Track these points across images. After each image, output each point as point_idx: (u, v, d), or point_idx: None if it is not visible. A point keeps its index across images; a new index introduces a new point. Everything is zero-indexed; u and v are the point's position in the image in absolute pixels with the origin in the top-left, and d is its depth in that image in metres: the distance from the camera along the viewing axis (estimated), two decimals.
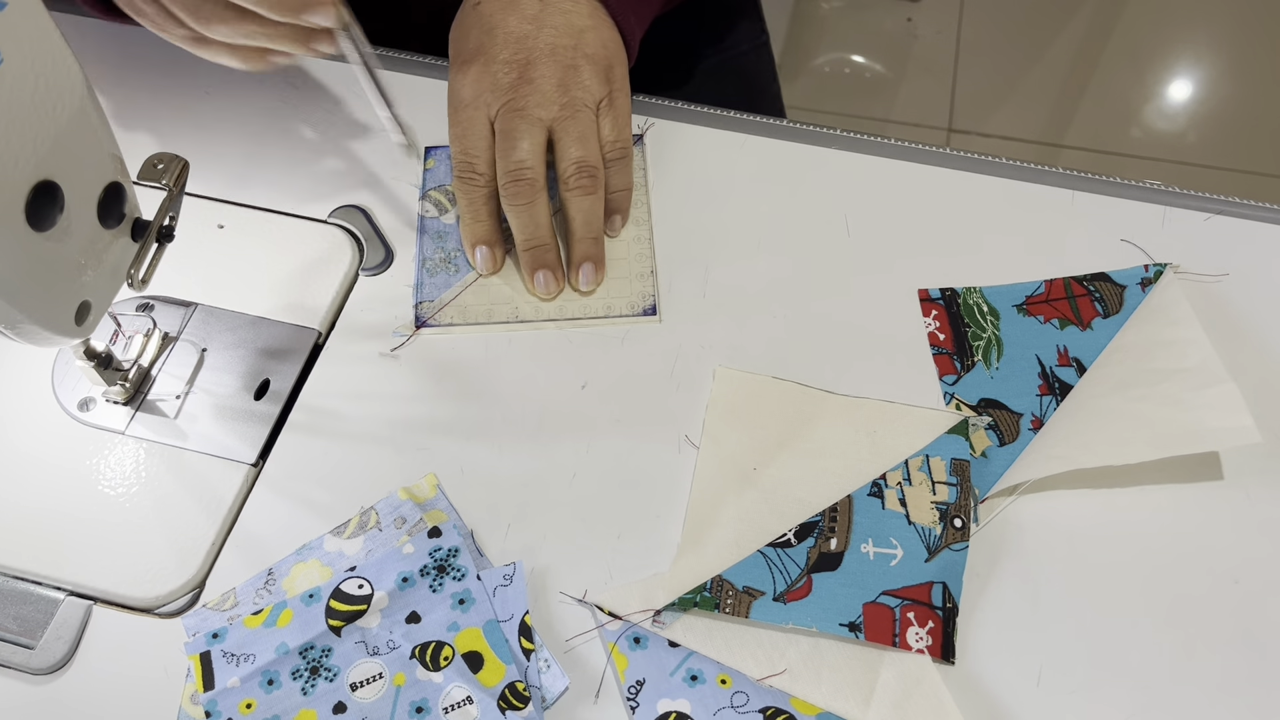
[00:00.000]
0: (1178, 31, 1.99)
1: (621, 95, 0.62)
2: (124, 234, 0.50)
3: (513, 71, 0.59)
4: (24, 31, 0.41)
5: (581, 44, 0.60)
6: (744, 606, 0.51)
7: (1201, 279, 0.61)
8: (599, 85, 0.60)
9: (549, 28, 0.60)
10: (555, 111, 0.59)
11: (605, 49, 0.61)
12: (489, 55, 0.59)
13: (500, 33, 0.60)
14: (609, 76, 0.61)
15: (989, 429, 0.57)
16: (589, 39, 0.61)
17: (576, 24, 0.61)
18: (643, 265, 0.63)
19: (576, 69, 0.59)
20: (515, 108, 0.58)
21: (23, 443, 0.57)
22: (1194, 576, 0.52)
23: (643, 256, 0.63)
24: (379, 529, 0.54)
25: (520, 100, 0.58)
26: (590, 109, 0.60)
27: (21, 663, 0.51)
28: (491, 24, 0.60)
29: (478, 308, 0.61)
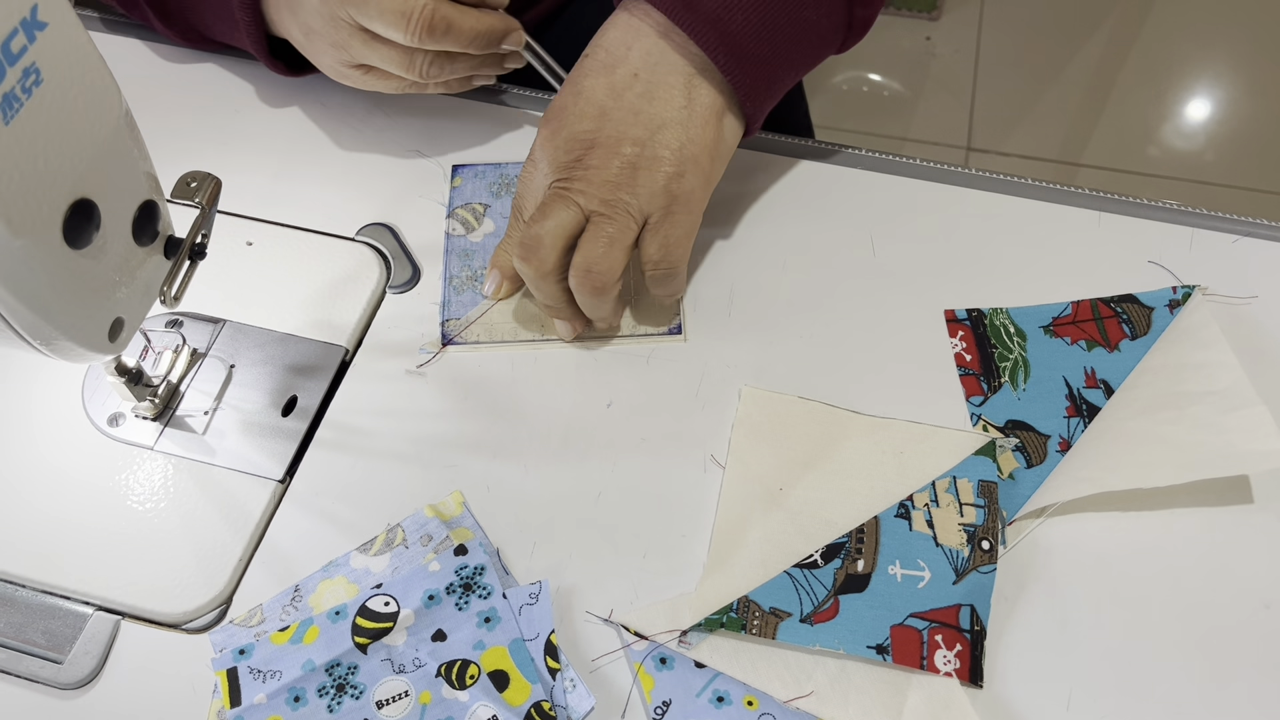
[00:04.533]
0: (1196, 50, 1.99)
1: (683, 211, 0.57)
2: (157, 251, 0.50)
3: (575, 151, 0.57)
4: (63, 51, 0.41)
5: (655, 141, 0.56)
6: (770, 628, 0.51)
7: (1230, 301, 0.61)
8: (654, 198, 0.56)
9: (627, 110, 0.56)
10: (595, 205, 0.56)
11: (682, 151, 0.56)
12: (563, 121, 0.58)
13: (584, 98, 0.57)
14: (672, 188, 0.56)
15: (1016, 451, 0.56)
16: (667, 137, 0.56)
17: (661, 115, 0.57)
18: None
19: (635, 172, 0.56)
20: (562, 186, 0.57)
21: (53, 457, 0.58)
22: (1224, 601, 0.52)
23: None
24: (405, 546, 0.54)
25: (569, 182, 0.57)
26: (632, 218, 0.56)
27: (50, 677, 0.52)
28: (581, 84, 0.58)
29: (504, 325, 0.62)
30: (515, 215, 0.61)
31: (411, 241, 0.66)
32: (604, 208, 0.56)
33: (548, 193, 0.57)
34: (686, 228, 0.58)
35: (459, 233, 0.66)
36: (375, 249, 0.65)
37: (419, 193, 0.68)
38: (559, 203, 0.56)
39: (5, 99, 0.39)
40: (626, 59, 0.58)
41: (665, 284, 0.59)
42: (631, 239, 0.57)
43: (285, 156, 0.70)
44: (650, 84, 0.57)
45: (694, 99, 0.57)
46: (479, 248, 0.65)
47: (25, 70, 0.39)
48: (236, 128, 0.71)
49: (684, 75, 0.57)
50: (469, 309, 0.62)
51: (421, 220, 0.67)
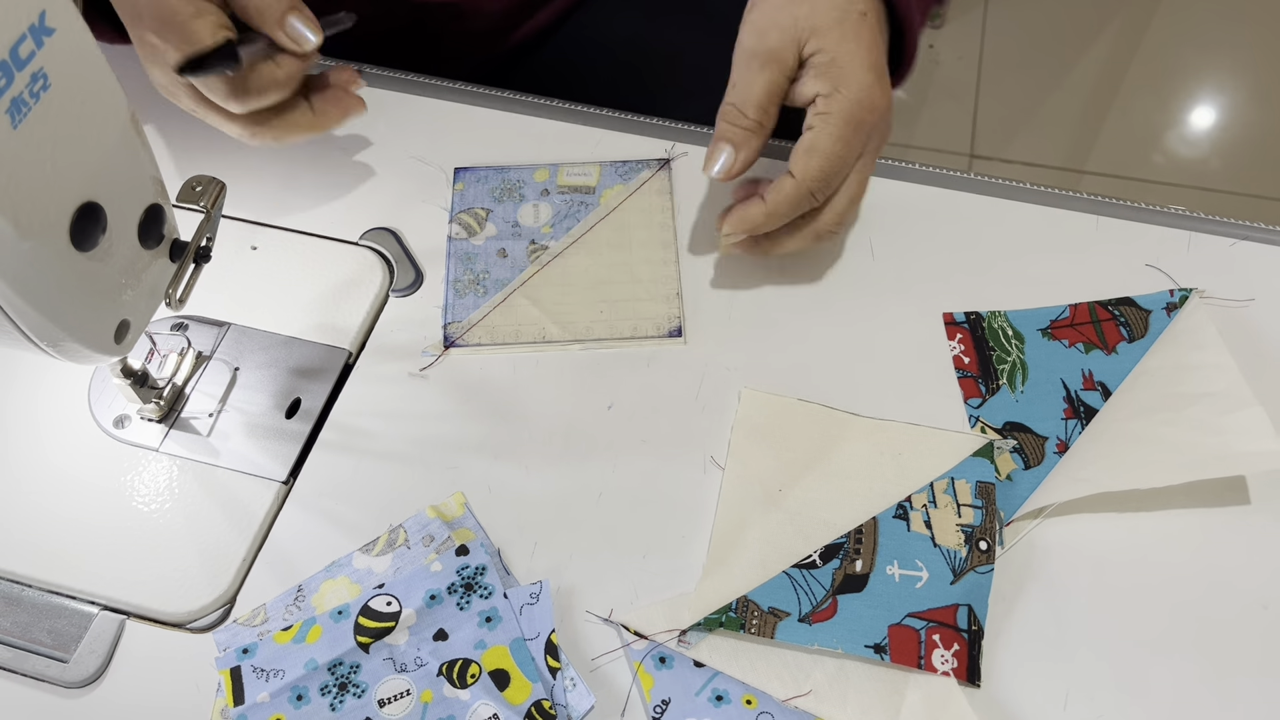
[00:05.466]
0: (1200, 57, 1.99)
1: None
2: (163, 254, 0.51)
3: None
4: (71, 57, 0.42)
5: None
6: (769, 627, 0.51)
7: (1227, 304, 0.61)
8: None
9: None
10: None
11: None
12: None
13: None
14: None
15: (1014, 452, 0.57)
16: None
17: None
18: (668, 288, 0.63)
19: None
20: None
21: (59, 458, 0.58)
22: (1222, 601, 0.52)
23: (669, 279, 0.64)
24: (407, 547, 0.55)
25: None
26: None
27: (55, 676, 0.52)
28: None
29: (505, 328, 0.62)
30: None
31: (414, 245, 0.66)
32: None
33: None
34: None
35: (461, 236, 0.66)
36: (378, 253, 0.66)
37: (422, 197, 0.68)
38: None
39: (13, 104, 0.39)
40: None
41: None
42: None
43: (290, 162, 0.70)
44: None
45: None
46: (480, 251, 0.65)
47: (33, 75, 0.40)
48: None
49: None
50: (471, 312, 0.63)
51: (424, 224, 0.67)
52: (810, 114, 0.57)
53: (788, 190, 0.57)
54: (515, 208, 0.67)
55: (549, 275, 0.64)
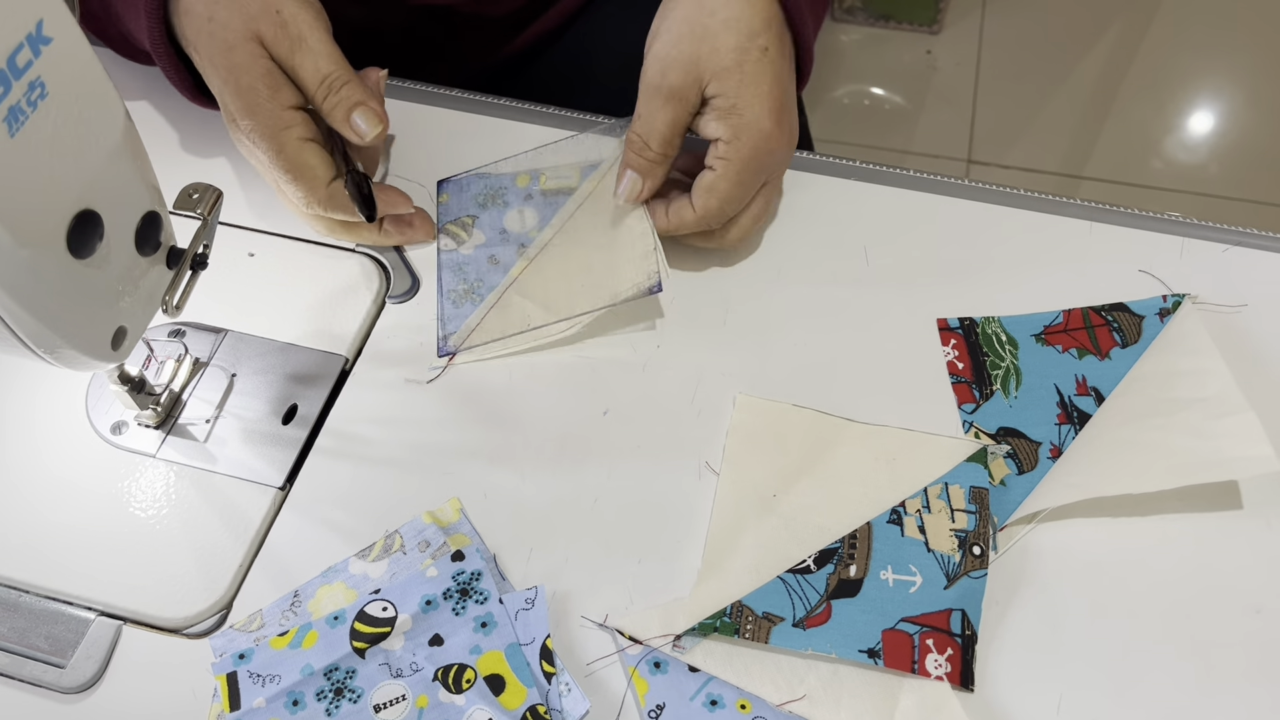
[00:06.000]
0: (1197, 62, 2.00)
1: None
2: (160, 261, 0.51)
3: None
4: (68, 65, 0.42)
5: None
6: (764, 632, 0.51)
7: (1219, 309, 0.61)
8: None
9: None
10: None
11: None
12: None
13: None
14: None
15: (1008, 457, 0.57)
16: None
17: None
18: (645, 244, 0.63)
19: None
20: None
21: (57, 464, 0.58)
22: (1214, 605, 0.52)
23: (644, 234, 0.63)
24: (403, 552, 0.55)
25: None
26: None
27: (52, 682, 0.52)
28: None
29: (498, 328, 0.62)
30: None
31: (410, 252, 0.67)
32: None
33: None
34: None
35: (450, 248, 0.66)
36: (375, 259, 0.66)
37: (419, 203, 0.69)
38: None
39: (10, 112, 0.39)
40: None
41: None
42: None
43: None
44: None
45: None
46: (471, 260, 0.66)
47: (30, 84, 0.40)
48: None
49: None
50: (467, 320, 0.63)
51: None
52: (711, 154, 0.61)
53: (688, 219, 0.62)
54: (501, 214, 0.67)
55: (539, 268, 0.65)
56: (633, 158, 0.62)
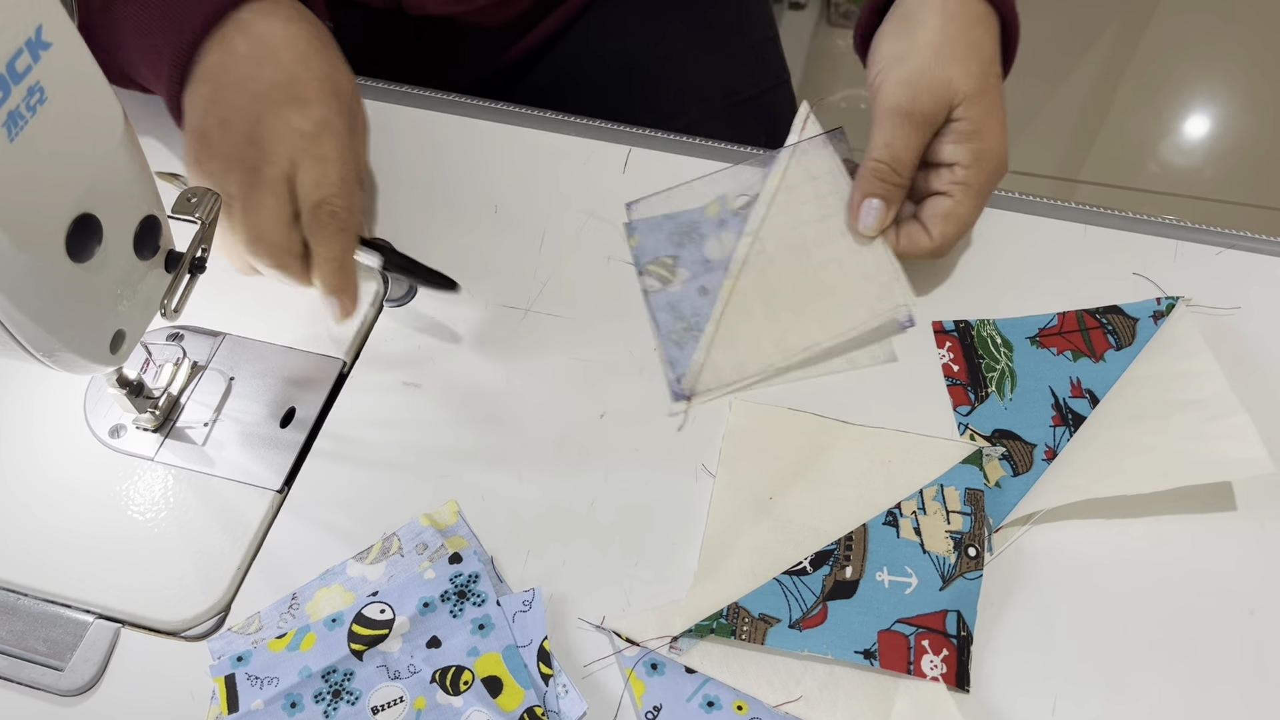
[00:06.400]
0: (1193, 66, 2.00)
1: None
2: (158, 265, 0.51)
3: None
4: (67, 70, 0.43)
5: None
6: (760, 633, 0.51)
7: (1213, 312, 0.62)
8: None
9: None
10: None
11: None
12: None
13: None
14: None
15: (1003, 459, 0.57)
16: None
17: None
18: (885, 269, 0.61)
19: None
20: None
21: (55, 468, 0.58)
22: (1209, 607, 0.53)
23: (881, 259, 0.62)
24: (401, 555, 0.55)
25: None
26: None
27: (51, 684, 0.52)
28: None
29: (729, 366, 0.61)
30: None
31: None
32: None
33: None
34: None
35: (656, 289, 0.64)
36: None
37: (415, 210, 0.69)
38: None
39: (10, 117, 0.40)
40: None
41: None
42: None
43: None
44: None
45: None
46: (682, 296, 0.64)
47: (30, 89, 0.40)
48: None
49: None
50: (692, 359, 0.61)
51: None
52: (948, 179, 0.60)
53: (924, 247, 0.61)
54: (700, 247, 0.65)
55: (749, 286, 0.63)
56: (879, 185, 0.61)
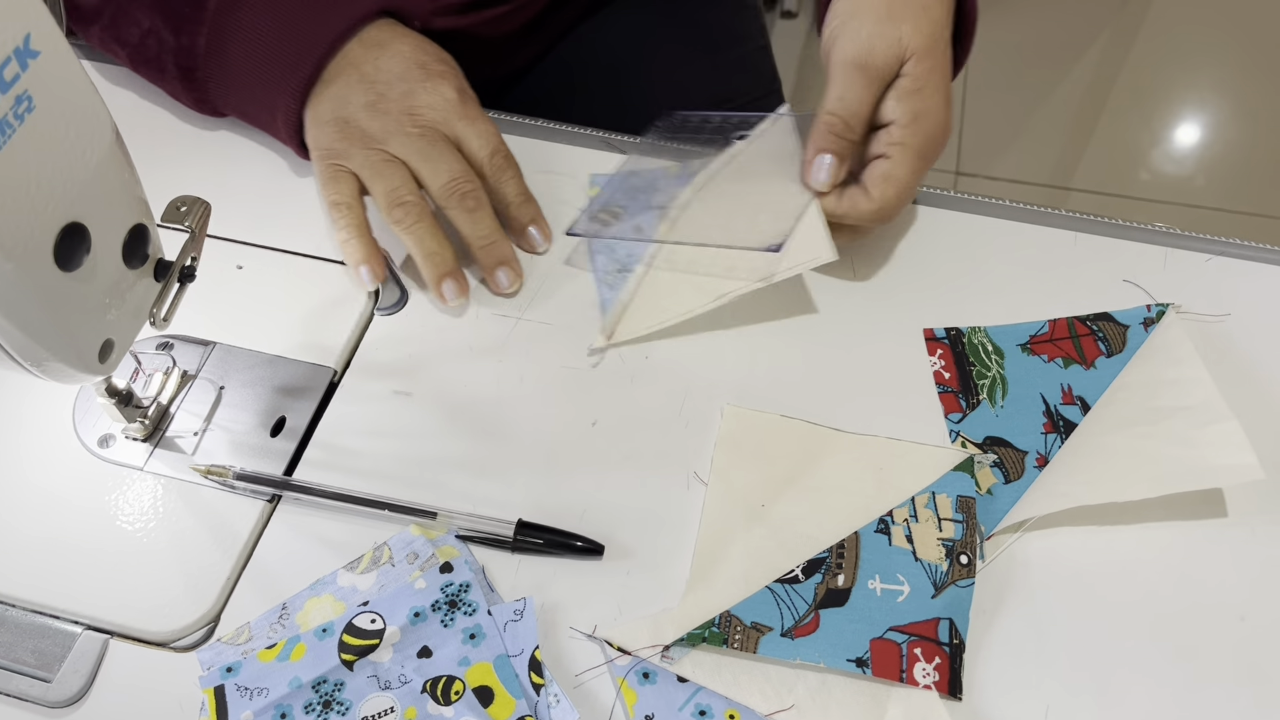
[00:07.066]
0: (1184, 74, 2.01)
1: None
2: (147, 274, 0.51)
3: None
4: (56, 79, 0.42)
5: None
6: (752, 642, 0.51)
7: (1203, 319, 0.62)
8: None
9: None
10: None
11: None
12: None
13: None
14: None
15: (994, 466, 0.57)
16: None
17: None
18: (814, 222, 0.61)
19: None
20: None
21: (43, 478, 0.58)
22: (1200, 613, 0.53)
23: (811, 214, 0.61)
24: (392, 564, 0.55)
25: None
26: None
27: (39, 696, 0.52)
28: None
29: (650, 310, 0.62)
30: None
31: (399, 264, 0.67)
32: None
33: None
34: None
35: (595, 232, 0.67)
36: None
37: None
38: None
39: None
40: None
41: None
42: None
43: (275, 181, 0.71)
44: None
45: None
46: (619, 235, 0.66)
47: (18, 98, 0.40)
48: (226, 153, 0.73)
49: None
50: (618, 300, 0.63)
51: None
52: (884, 140, 0.60)
53: (865, 210, 0.61)
54: (650, 197, 0.67)
55: (681, 232, 0.64)
56: (832, 140, 0.60)
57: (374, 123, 0.64)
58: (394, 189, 0.63)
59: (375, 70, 0.66)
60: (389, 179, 0.63)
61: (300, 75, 0.66)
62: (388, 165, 0.64)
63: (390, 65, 0.66)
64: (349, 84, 0.66)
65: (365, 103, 0.65)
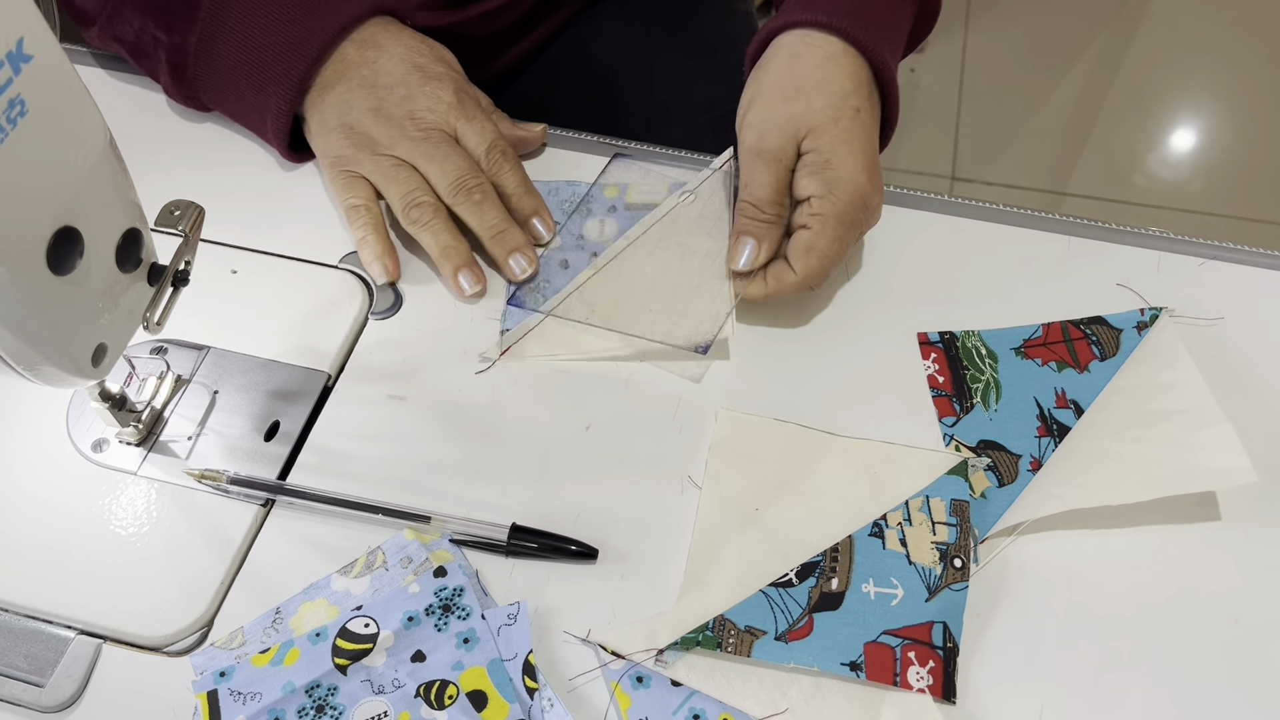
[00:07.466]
0: (1178, 79, 2.02)
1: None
2: (141, 278, 0.51)
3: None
4: (48, 83, 0.42)
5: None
6: (746, 646, 0.51)
7: (1196, 322, 0.62)
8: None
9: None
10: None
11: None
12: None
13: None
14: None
15: (988, 470, 0.57)
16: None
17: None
18: (721, 306, 0.63)
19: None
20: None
21: (37, 482, 0.58)
22: (1193, 616, 0.53)
23: (723, 297, 0.63)
24: (385, 568, 0.55)
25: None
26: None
27: (31, 701, 0.52)
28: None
29: (550, 332, 0.63)
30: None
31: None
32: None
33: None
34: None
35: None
36: (358, 276, 0.66)
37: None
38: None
39: None
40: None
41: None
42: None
43: (269, 186, 0.71)
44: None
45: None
46: (544, 260, 0.66)
47: (10, 102, 0.40)
48: (220, 157, 0.73)
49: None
50: (525, 319, 0.64)
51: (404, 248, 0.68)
52: (805, 212, 0.61)
53: (788, 281, 0.61)
54: (583, 221, 0.68)
55: (606, 279, 0.65)
56: (747, 223, 0.62)
57: (379, 129, 0.66)
58: (408, 192, 0.65)
59: (375, 74, 0.67)
60: (402, 183, 0.65)
61: (291, 79, 0.66)
62: (398, 169, 0.65)
63: (389, 68, 0.67)
64: (350, 89, 0.67)
65: (369, 108, 0.66)
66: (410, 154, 0.65)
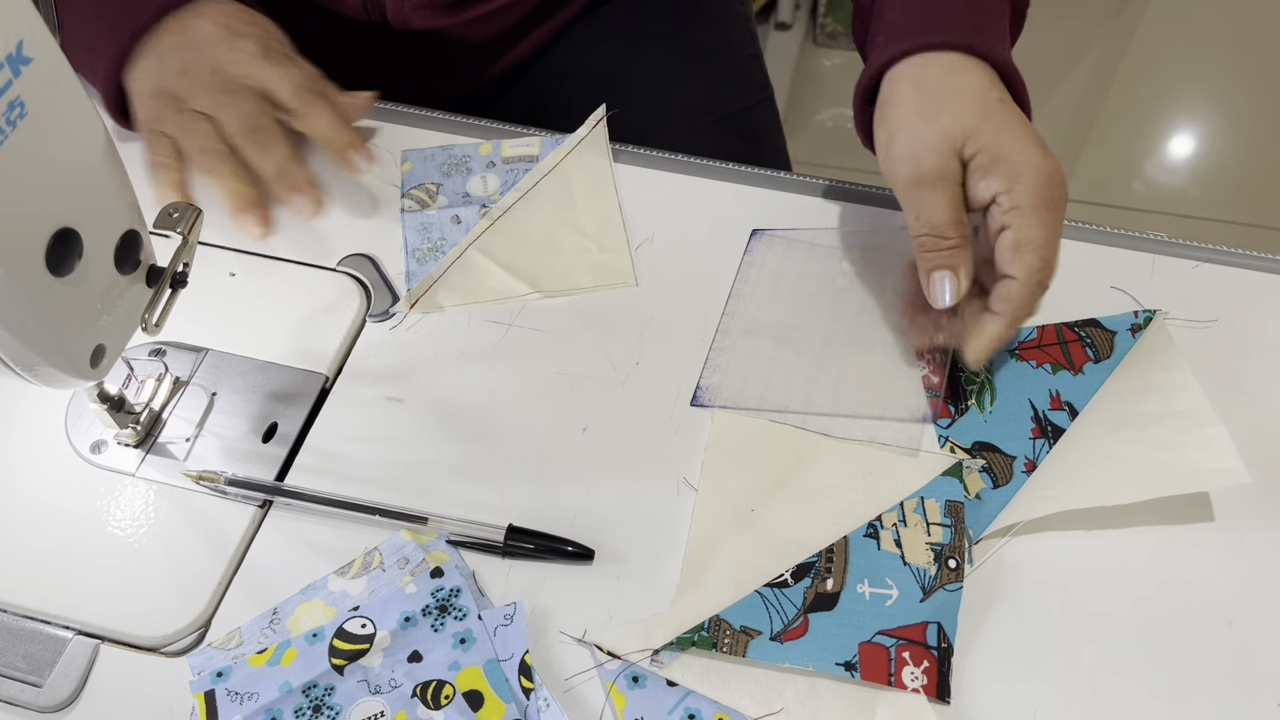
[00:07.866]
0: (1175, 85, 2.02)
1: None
2: (139, 280, 0.52)
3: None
4: (48, 85, 0.43)
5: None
6: (741, 646, 0.51)
7: (1190, 325, 0.62)
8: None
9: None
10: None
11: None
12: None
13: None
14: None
15: (983, 471, 0.57)
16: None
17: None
18: (616, 241, 0.67)
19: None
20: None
21: (35, 484, 0.58)
22: (1187, 617, 0.53)
23: (616, 233, 0.68)
24: (382, 569, 0.55)
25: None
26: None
27: (29, 701, 0.52)
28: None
29: (465, 286, 0.66)
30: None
31: (391, 271, 0.67)
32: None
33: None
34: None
35: (414, 209, 0.70)
36: (356, 279, 0.67)
37: (399, 223, 0.69)
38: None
39: None
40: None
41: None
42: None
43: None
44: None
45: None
46: (435, 220, 0.69)
47: (10, 104, 0.41)
48: None
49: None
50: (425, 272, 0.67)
51: (400, 251, 0.68)
52: (997, 214, 0.56)
53: (1017, 293, 0.56)
54: (464, 180, 0.71)
55: (500, 231, 0.68)
56: (933, 257, 0.57)
57: (182, 85, 0.66)
58: (200, 142, 0.65)
59: (185, 39, 0.67)
60: (196, 135, 0.65)
61: (110, 54, 0.67)
62: (195, 121, 0.66)
63: (199, 29, 0.67)
64: (162, 54, 0.67)
65: (176, 69, 0.67)
66: (206, 105, 0.66)
